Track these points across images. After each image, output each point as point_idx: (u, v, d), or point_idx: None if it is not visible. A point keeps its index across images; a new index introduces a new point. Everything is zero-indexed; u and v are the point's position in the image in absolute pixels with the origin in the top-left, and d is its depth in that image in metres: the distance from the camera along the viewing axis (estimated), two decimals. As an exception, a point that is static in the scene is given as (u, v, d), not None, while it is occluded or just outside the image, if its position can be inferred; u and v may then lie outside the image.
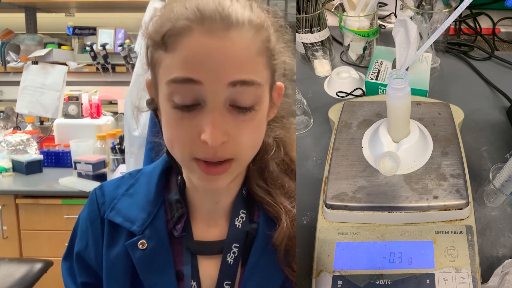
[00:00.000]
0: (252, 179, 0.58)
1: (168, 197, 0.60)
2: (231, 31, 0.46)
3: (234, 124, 0.48)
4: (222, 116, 0.47)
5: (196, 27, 0.46)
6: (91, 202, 0.62)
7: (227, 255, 0.56)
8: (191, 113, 0.47)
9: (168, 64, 0.47)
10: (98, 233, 0.60)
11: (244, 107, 0.48)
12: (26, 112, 2.19)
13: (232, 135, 0.48)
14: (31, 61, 2.16)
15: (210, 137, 0.46)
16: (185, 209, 0.58)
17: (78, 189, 1.78)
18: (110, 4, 2.27)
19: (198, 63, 0.45)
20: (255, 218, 0.58)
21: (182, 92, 0.47)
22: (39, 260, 1.50)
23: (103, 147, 2.08)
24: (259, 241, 0.56)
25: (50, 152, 2.14)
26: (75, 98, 2.16)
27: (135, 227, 0.57)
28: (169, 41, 0.47)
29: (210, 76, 0.46)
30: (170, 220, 0.58)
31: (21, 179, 1.95)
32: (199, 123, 0.47)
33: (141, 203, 0.59)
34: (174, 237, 0.58)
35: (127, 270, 0.58)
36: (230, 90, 0.46)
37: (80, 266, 0.62)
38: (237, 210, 0.58)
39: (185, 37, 0.46)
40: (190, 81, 0.46)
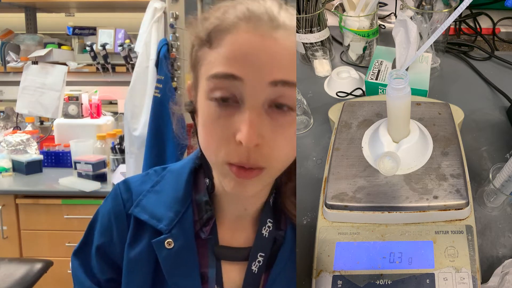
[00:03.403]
0: (286, 195, 0.58)
1: (197, 198, 0.59)
2: (277, 31, 0.46)
3: (271, 127, 0.47)
4: (260, 116, 0.46)
5: (243, 24, 0.46)
6: (115, 197, 0.61)
7: (252, 264, 0.56)
8: (228, 112, 0.47)
9: (211, 60, 0.47)
10: (124, 228, 0.59)
11: (284, 105, 0.47)
12: (26, 112, 2.18)
13: (267, 139, 0.47)
14: (31, 61, 2.15)
15: (245, 137, 0.45)
16: (213, 211, 0.58)
17: (78, 189, 1.78)
18: (110, 4, 2.27)
19: (241, 59, 0.45)
20: (282, 226, 0.58)
21: (223, 87, 0.46)
22: (39, 260, 1.50)
23: (103, 147, 2.08)
24: (286, 250, 0.57)
25: (50, 152, 2.14)
26: (75, 98, 2.16)
27: (162, 225, 0.56)
28: (214, 36, 0.47)
29: (252, 73, 0.45)
30: (198, 221, 0.57)
31: (21, 179, 1.95)
32: (236, 122, 0.46)
33: (168, 201, 0.58)
34: (200, 239, 0.57)
35: (149, 267, 0.57)
36: (271, 90, 0.46)
37: (103, 261, 0.60)
38: (265, 219, 0.58)
39: (231, 33, 0.46)
40: (231, 77, 0.45)
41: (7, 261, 1.49)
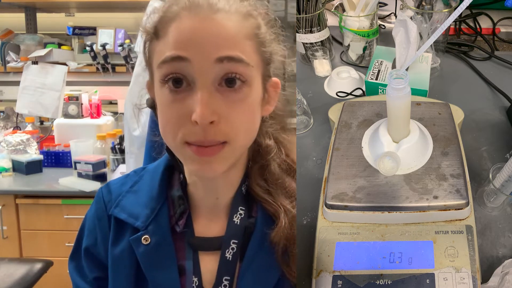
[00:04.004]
0: (252, 178, 0.59)
1: (171, 194, 0.61)
2: (218, 14, 0.49)
3: (224, 103, 0.49)
4: (211, 94, 0.48)
5: (184, 13, 0.49)
6: (97, 200, 0.64)
7: (226, 251, 0.57)
8: (182, 95, 0.49)
9: (160, 49, 0.50)
10: (106, 230, 0.61)
11: (232, 84, 0.49)
12: (26, 112, 2.19)
13: (222, 115, 0.49)
14: (31, 61, 2.16)
15: (199, 115, 0.47)
16: (187, 205, 0.59)
17: (78, 189, 1.78)
18: (110, 4, 2.27)
19: (186, 42, 0.48)
20: (253, 213, 0.59)
21: (173, 71, 0.49)
22: (39, 260, 1.50)
23: (103, 147, 2.08)
24: (256, 236, 0.57)
25: (50, 152, 2.14)
26: (75, 98, 2.16)
27: (139, 222, 0.59)
28: (160, 28, 0.50)
29: (197, 53, 0.48)
30: (173, 216, 0.59)
31: (21, 179, 1.95)
32: (190, 103, 0.48)
33: (144, 200, 0.60)
34: (176, 233, 0.59)
35: (131, 265, 0.59)
36: (218, 67, 0.48)
37: (90, 261, 0.63)
38: (236, 206, 0.58)
39: (175, 21, 0.49)
40: (178, 59, 0.48)
41: (7, 261, 1.49)
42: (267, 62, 0.54)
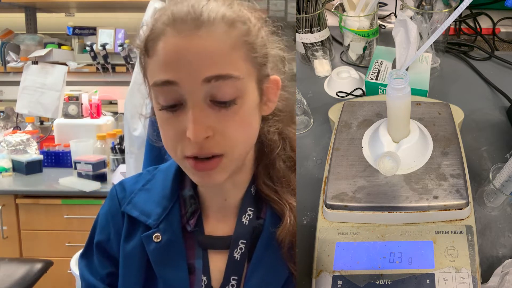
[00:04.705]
0: (259, 178, 0.59)
1: (183, 193, 0.62)
2: (201, 29, 0.48)
3: (217, 119, 0.49)
4: (203, 112, 0.49)
5: (169, 30, 0.48)
6: (111, 198, 0.65)
7: (234, 251, 0.57)
8: (175, 113, 0.50)
9: (151, 68, 0.51)
10: (119, 226, 0.62)
11: (223, 101, 0.49)
12: (26, 112, 2.19)
13: (217, 129, 0.49)
14: (31, 61, 2.16)
15: (192, 133, 0.48)
16: (198, 204, 0.60)
17: (78, 189, 1.78)
18: (110, 4, 2.27)
19: (172, 64, 0.48)
20: (262, 215, 0.59)
21: (164, 94, 0.49)
22: (39, 260, 1.50)
23: (103, 147, 2.08)
24: (264, 237, 0.57)
25: (50, 152, 2.14)
26: (75, 98, 2.16)
27: (151, 220, 0.60)
28: (149, 46, 0.50)
29: (184, 76, 0.48)
30: (184, 215, 0.60)
31: (21, 179, 1.95)
32: (183, 121, 0.49)
33: (157, 198, 0.61)
34: (187, 232, 0.59)
35: (142, 262, 0.59)
36: (207, 86, 0.48)
37: (102, 257, 0.63)
38: (245, 207, 0.59)
39: (160, 40, 0.49)
40: (167, 83, 0.48)
41: (7, 261, 1.49)
42: (261, 65, 0.53)
